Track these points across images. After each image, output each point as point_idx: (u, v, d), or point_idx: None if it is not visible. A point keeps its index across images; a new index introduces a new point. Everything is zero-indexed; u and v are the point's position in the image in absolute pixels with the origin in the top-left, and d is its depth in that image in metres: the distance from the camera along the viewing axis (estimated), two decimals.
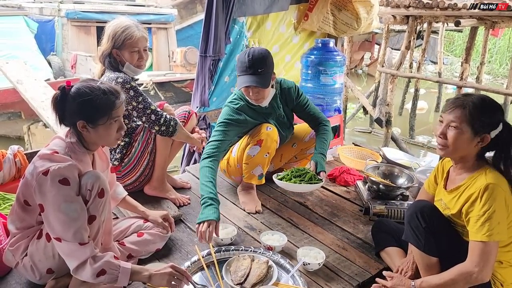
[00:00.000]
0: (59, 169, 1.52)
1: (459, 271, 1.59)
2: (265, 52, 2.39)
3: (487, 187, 1.54)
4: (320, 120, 2.75)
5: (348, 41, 7.17)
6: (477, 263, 1.54)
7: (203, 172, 2.27)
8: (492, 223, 1.52)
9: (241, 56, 2.38)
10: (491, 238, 1.52)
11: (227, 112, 2.53)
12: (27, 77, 6.38)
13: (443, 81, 7.34)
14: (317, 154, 2.59)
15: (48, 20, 8.93)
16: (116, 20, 2.37)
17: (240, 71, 2.39)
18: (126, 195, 2.12)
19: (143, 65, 2.44)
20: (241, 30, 3.58)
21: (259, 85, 2.35)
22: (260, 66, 2.33)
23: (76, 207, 1.54)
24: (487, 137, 1.60)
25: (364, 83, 12.98)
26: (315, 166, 2.50)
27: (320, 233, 2.40)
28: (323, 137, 2.68)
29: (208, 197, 2.12)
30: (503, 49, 14.81)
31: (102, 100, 1.60)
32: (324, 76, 3.60)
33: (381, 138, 7.21)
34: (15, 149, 2.60)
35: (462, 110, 1.60)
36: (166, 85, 8.18)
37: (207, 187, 2.17)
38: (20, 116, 7.02)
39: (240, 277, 1.87)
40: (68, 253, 1.55)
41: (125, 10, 9.19)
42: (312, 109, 2.75)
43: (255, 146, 2.54)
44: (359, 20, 3.89)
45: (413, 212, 1.72)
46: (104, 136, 1.67)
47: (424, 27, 7.55)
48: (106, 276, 1.54)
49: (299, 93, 2.71)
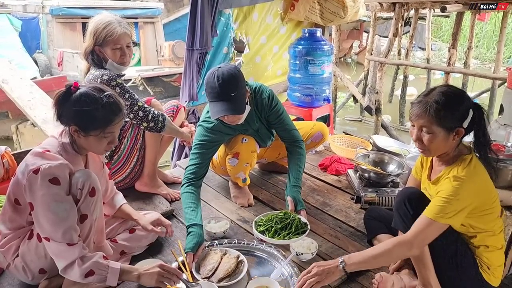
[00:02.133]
0: (50, 168, 1.51)
1: (396, 241, 1.62)
2: (234, 70, 2.14)
3: (455, 178, 1.55)
4: (294, 139, 2.51)
5: (336, 30, 7.15)
6: (416, 236, 1.56)
7: (183, 198, 2.19)
8: (448, 208, 1.53)
9: (209, 79, 2.13)
10: (439, 219, 1.54)
11: (201, 133, 2.36)
12: (12, 76, 6.27)
13: (432, 67, 7.39)
14: (292, 189, 2.32)
15: (32, 18, 8.81)
16: (98, 16, 2.33)
17: (212, 97, 2.15)
18: (124, 204, 2.08)
19: (127, 61, 2.40)
20: (228, 22, 3.55)
21: (235, 112, 2.17)
22: (232, 90, 2.11)
23: (66, 206, 1.54)
24: (460, 130, 1.59)
25: (354, 72, 13.00)
26: (293, 204, 2.25)
27: (312, 222, 2.40)
28: (298, 164, 2.43)
29: (188, 225, 2.04)
30: (490, 33, 14.87)
31: (99, 114, 1.58)
32: (312, 66, 3.59)
33: (371, 126, 7.24)
34: (2, 150, 2.57)
35: (426, 115, 1.58)
36: (155, 80, 8.12)
37: (186, 214, 2.10)
38: (7, 116, 6.94)
39: (208, 271, 1.88)
40: (56, 253, 1.55)
41: (110, 5, 9.07)
42: (286, 121, 2.50)
43: (233, 158, 2.51)
44: (346, 9, 3.88)
45: (401, 199, 1.73)
46: (93, 146, 1.66)
47: (411, 13, 7.55)
48: (94, 276, 1.55)
49: (274, 102, 2.44)
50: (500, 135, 3.57)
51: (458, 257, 1.66)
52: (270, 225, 2.08)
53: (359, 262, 1.63)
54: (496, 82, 8.14)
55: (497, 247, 1.67)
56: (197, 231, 1.99)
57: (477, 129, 1.62)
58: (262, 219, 2.17)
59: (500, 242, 1.69)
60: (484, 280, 1.67)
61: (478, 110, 1.61)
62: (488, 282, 1.67)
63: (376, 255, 1.62)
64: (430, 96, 1.61)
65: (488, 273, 1.67)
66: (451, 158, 1.66)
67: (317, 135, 2.84)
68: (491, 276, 1.67)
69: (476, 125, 1.61)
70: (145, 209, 2.40)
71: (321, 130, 2.86)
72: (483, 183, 1.60)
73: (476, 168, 1.60)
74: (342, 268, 1.62)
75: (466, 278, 1.67)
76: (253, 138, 2.53)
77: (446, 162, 1.69)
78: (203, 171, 2.33)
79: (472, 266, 1.66)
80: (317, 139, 2.86)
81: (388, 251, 1.61)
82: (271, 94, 2.45)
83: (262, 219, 2.17)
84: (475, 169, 1.59)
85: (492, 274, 1.67)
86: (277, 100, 2.47)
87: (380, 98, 6.33)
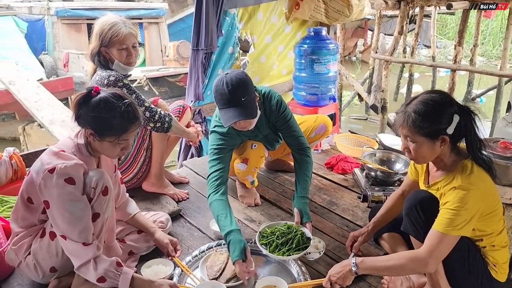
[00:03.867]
0: (66, 168, 1.53)
1: (410, 257, 1.59)
2: (242, 75, 2.09)
3: (461, 187, 1.53)
4: (301, 146, 2.42)
5: (340, 29, 7.14)
6: (431, 253, 1.53)
7: (213, 208, 2.08)
8: (457, 220, 1.50)
9: (218, 85, 2.07)
10: (450, 232, 1.51)
11: (216, 138, 2.32)
12: (19, 78, 6.33)
13: (438, 65, 7.36)
14: (299, 200, 2.22)
15: (38, 19, 8.86)
16: (103, 17, 2.33)
17: (222, 104, 2.10)
18: (138, 213, 2.08)
19: (133, 62, 2.39)
20: (233, 21, 3.55)
21: (248, 117, 2.10)
22: (242, 94, 2.05)
23: (81, 206, 1.57)
24: (445, 138, 1.56)
25: (359, 70, 12.97)
26: (299, 216, 2.15)
27: (320, 222, 2.41)
28: (305, 174, 2.34)
29: (225, 234, 1.94)
30: (496, 30, 14.78)
31: (116, 122, 1.60)
32: (318, 65, 3.58)
33: (377, 124, 7.21)
34: (10, 151, 2.59)
35: (406, 126, 1.57)
36: (160, 80, 8.15)
37: (220, 221, 2.00)
38: (14, 117, 7.00)
39: (215, 272, 1.88)
40: (71, 251, 1.59)
41: (115, 6, 9.13)
42: (293, 128, 2.43)
43: (242, 163, 2.52)
44: (351, 7, 3.87)
45: (412, 204, 1.68)
46: (107, 150, 1.68)
47: (416, 11, 7.53)
48: (106, 283, 1.59)
49: (282, 108, 2.39)
50: (508, 133, 3.55)
51: (469, 258, 1.65)
52: (272, 238, 2.01)
53: (372, 269, 1.66)
54: (502, 79, 8.08)
55: (502, 246, 1.67)
56: (236, 237, 1.89)
57: (465, 134, 1.58)
58: (266, 230, 2.09)
59: (504, 240, 1.69)
60: (493, 278, 1.67)
61: (464, 115, 1.56)
62: (496, 279, 1.68)
63: (389, 266, 1.62)
64: (410, 106, 1.59)
65: (495, 270, 1.67)
66: (449, 165, 1.63)
67: (320, 127, 2.81)
68: (498, 273, 1.68)
69: (463, 130, 1.57)
70: (152, 209, 2.41)
71: (324, 122, 2.83)
72: (487, 188, 1.58)
73: (479, 173, 1.57)
74: (355, 272, 1.66)
75: (476, 277, 1.66)
76: (261, 144, 2.53)
77: (443, 168, 1.66)
78: (226, 175, 2.27)
79: (481, 265, 1.66)
80: (321, 131, 2.82)
81: (402, 265, 1.59)
82: (280, 99, 2.40)
83: (266, 230, 2.09)
84: (478, 175, 1.56)
85: (498, 271, 1.68)
86: (285, 105, 2.42)
87: (386, 96, 6.31)
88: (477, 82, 9.55)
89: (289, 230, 2.04)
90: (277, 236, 2.02)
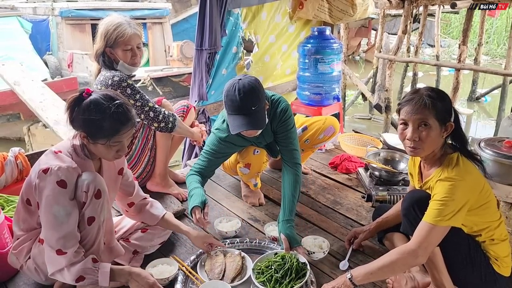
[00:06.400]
0: (60, 169, 1.52)
1: (400, 251, 1.61)
2: (255, 83, 2.05)
3: (447, 179, 1.55)
4: (294, 160, 2.31)
5: (344, 28, 7.13)
6: (420, 244, 1.55)
7: (188, 180, 2.26)
8: (445, 210, 1.52)
9: (229, 91, 2.03)
10: (439, 223, 1.53)
11: (213, 141, 2.32)
12: (24, 78, 6.35)
13: (442, 64, 7.30)
14: (284, 224, 2.09)
15: (42, 20, 8.88)
16: (108, 18, 2.34)
17: (232, 110, 2.06)
18: (165, 214, 2.06)
19: (138, 62, 2.40)
20: (237, 21, 3.56)
21: (256, 127, 2.08)
22: (253, 103, 2.02)
23: (68, 211, 1.54)
24: (450, 125, 1.62)
25: (362, 69, 12.94)
26: (287, 242, 2.03)
27: (324, 221, 2.41)
28: (293, 195, 2.20)
29: (190, 189, 2.16)
30: (501, 29, 14.71)
31: (107, 123, 1.56)
32: (322, 65, 3.57)
33: (381, 124, 7.20)
34: (16, 151, 2.60)
35: (426, 108, 1.59)
36: (164, 80, 8.15)
37: (189, 186, 2.18)
38: (19, 117, 7.02)
39: (217, 274, 1.87)
40: (46, 257, 1.58)
41: (119, 6, 9.13)
42: (292, 138, 2.34)
43: (244, 167, 2.53)
44: (355, 6, 3.86)
45: (409, 204, 1.70)
46: (102, 153, 1.65)
47: (420, 10, 7.50)
48: (86, 280, 1.57)
49: (286, 116, 2.32)
50: None
51: (471, 254, 1.65)
52: (270, 274, 1.87)
53: (366, 274, 1.64)
54: (507, 78, 8.04)
55: (501, 239, 1.68)
56: (200, 192, 2.08)
57: (457, 126, 1.65)
58: (258, 265, 1.94)
59: (504, 234, 1.69)
60: (496, 272, 1.67)
61: (455, 112, 1.66)
62: (500, 274, 1.68)
63: (381, 266, 1.62)
64: (420, 92, 1.64)
65: (498, 265, 1.67)
66: (438, 159, 1.66)
67: (329, 129, 2.82)
68: (501, 267, 1.68)
69: (455, 122, 1.64)
70: None
71: (333, 124, 2.84)
72: (474, 179, 1.60)
73: (465, 165, 1.60)
74: (352, 283, 1.64)
75: (479, 274, 1.66)
76: (264, 150, 2.53)
77: (433, 163, 1.69)
78: (208, 174, 2.36)
79: (484, 261, 1.66)
80: (329, 132, 2.83)
81: (393, 262, 1.60)
82: (286, 107, 2.32)
83: (258, 265, 1.94)
84: (464, 167, 1.59)
85: (501, 265, 1.68)
86: (290, 114, 2.34)
87: (390, 95, 6.30)
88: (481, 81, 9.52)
89: (284, 260, 1.92)
90: (274, 270, 1.88)
